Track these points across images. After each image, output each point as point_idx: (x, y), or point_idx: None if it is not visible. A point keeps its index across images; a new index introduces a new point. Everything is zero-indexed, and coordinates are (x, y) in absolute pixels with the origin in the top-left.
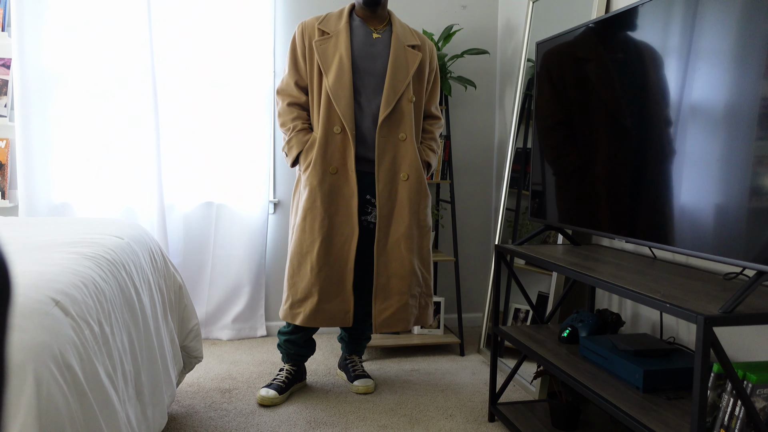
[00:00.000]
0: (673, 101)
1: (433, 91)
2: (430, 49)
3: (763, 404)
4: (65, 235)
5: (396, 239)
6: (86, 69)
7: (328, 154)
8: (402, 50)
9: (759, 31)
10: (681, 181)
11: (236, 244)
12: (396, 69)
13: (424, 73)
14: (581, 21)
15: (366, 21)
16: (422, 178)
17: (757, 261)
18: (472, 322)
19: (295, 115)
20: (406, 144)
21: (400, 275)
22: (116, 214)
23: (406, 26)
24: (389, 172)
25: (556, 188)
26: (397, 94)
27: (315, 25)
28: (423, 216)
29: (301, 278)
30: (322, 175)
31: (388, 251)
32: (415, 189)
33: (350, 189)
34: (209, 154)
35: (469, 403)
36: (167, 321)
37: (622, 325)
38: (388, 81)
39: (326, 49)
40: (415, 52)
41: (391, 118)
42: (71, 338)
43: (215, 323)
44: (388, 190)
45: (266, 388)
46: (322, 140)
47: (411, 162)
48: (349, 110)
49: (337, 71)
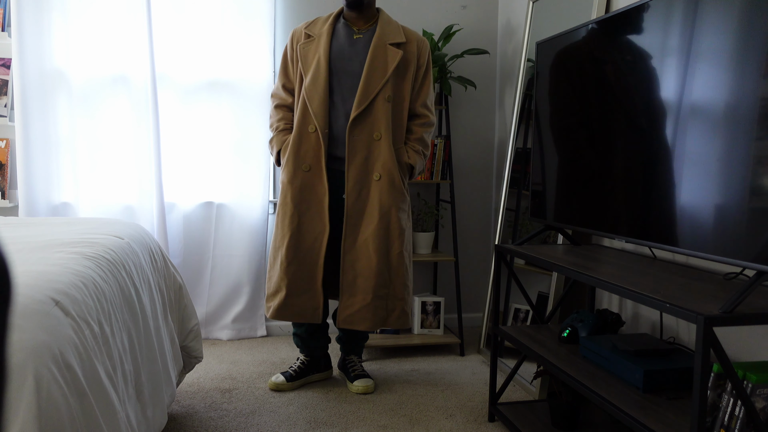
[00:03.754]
0: (673, 101)
1: (421, 89)
2: (420, 46)
3: (763, 404)
4: (65, 235)
5: (365, 239)
6: (86, 69)
7: (301, 153)
8: (381, 49)
9: (759, 30)
10: (681, 180)
11: (236, 244)
12: (372, 68)
13: (407, 71)
14: (581, 21)
15: (352, 22)
16: (396, 179)
17: (757, 261)
18: (472, 322)
19: (280, 117)
20: (381, 144)
21: (365, 275)
22: (116, 214)
23: (395, 24)
24: (360, 172)
25: (556, 188)
26: (371, 93)
27: (302, 29)
28: (395, 218)
29: (274, 272)
30: (294, 173)
31: (356, 250)
32: (387, 190)
33: (323, 187)
34: (209, 154)
35: (469, 403)
36: (167, 321)
37: (622, 325)
38: (363, 80)
39: (308, 51)
40: (396, 50)
41: (364, 118)
42: (71, 338)
43: (215, 323)
44: (358, 189)
45: (278, 374)
46: (295, 139)
47: (385, 162)
48: (321, 109)
49: (314, 72)
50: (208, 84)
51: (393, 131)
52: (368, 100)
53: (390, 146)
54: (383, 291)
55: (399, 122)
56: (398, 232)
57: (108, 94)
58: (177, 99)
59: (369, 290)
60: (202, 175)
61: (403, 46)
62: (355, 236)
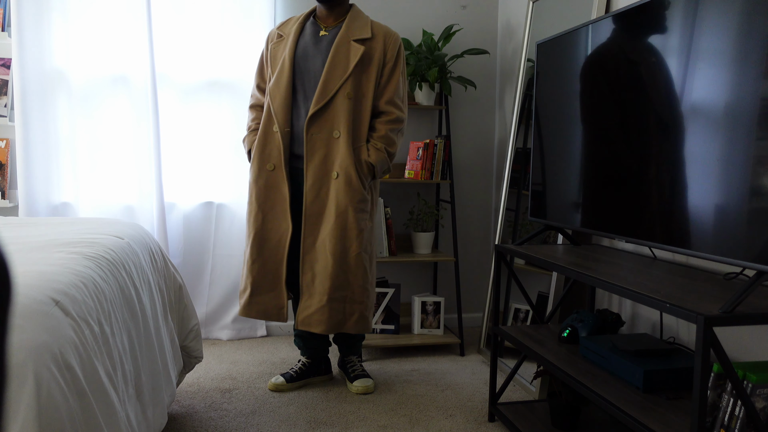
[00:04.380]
0: (673, 101)
1: (388, 85)
2: (387, 41)
3: (763, 404)
4: (65, 235)
5: (322, 239)
6: (86, 69)
7: (266, 152)
8: (344, 45)
9: (755, 31)
10: (681, 180)
11: (236, 244)
12: (333, 65)
13: (371, 67)
14: (581, 21)
15: (322, 20)
16: (353, 178)
17: (757, 261)
18: (472, 322)
19: (253, 116)
20: (340, 142)
21: (322, 276)
22: (116, 214)
23: (363, 20)
24: (319, 171)
25: (556, 188)
26: (330, 90)
27: (276, 29)
28: (352, 218)
29: (243, 270)
30: (258, 172)
31: (316, 250)
32: (344, 189)
33: (286, 186)
34: (209, 154)
35: (469, 403)
36: (167, 321)
37: (622, 325)
38: (323, 77)
39: (277, 51)
40: (359, 46)
41: (323, 116)
42: (71, 338)
43: (215, 323)
44: (317, 188)
45: (278, 375)
46: (261, 138)
47: (342, 160)
48: (281, 108)
49: (278, 72)
50: (208, 84)
51: (354, 129)
52: (326, 97)
53: (349, 144)
54: (339, 293)
55: (360, 120)
56: (356, 232)
57: (108, 94)
58: (177, 99)
59: (324, 292)
60: (202, 175)
61: (368, 41)
62: (315, 236)
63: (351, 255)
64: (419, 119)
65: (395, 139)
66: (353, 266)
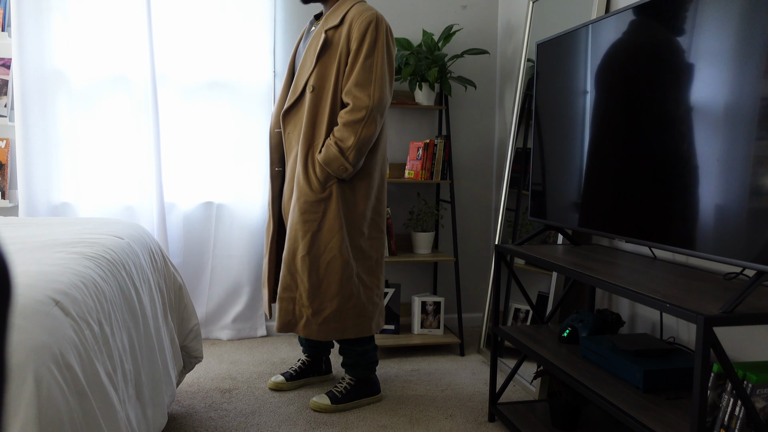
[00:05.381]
0: (673, 101)
1: (351, 71)
2: (354, 25)
3: (763, 404)
4: (65, 235)
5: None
6: (86, 69)
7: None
8: (316, 38)
9: (756, 31)
10: (681, 180)
11: (236, 244)
12: (304, 59)
13: (333, 55)
14: (581, 21)
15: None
16: (300, 179)
17: (757, 261)
18: (472, 322)
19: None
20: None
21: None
22: (116, 214)
23: (343, 9)
24: (292, 170)
25: (556, 188)
26: (299, 86)
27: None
28: (296, 219)
29: None
30: (270, 174)
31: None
32: (297, 189)
33: (276, 186)
34: (209, 154)
35: (469, 403)
36: (167, 321)
37: (622, 325)
38: (297, 75)
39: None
40: (322, 35)
41: (295, 113)
42: (71, 338)
43: (215, 323)
44: (290, 187)
45: (277, 374)
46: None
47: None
48: (276, 110)
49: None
50: (208, 84)
51: (313, 124)
52: (296, 94)
53: (304, 141)
54: (288, 294)
55: (317, 113)
56: (301, 234)
57: (108, 94)
58: (177, 99)
59: (281, 290)
60: (202, 175)
61: (336, 29)
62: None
63: (297, 257)
64: (419, 119)
65: (350, 132)
66: (299, 269)
